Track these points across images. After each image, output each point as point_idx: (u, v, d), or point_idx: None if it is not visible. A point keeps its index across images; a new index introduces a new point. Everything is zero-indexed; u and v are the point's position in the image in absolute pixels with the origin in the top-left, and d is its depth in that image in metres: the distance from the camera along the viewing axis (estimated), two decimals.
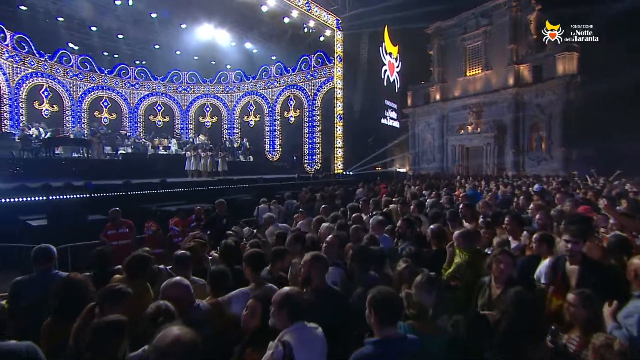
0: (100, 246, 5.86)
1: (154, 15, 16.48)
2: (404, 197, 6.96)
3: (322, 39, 20.27)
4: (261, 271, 2.72)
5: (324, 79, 21.52)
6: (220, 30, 18.40)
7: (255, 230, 5.15)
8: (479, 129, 28.46)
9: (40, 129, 14.95)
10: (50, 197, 7.00)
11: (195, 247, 3.30)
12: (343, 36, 20.28)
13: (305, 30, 19.58)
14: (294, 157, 22.49)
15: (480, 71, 28.58)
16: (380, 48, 25.63)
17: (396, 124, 30.09)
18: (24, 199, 6.96)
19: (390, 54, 27.20)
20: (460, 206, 4.72)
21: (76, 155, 15.22)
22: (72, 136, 15.48)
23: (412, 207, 5.06)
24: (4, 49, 17.14)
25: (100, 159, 14.70)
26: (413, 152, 33.48)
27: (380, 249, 3.05)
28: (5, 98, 17.14)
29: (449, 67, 30.92)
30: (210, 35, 18.84)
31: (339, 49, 20.29)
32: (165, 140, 19.30)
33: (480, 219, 4.82)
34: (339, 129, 20.62)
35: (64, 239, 6.10)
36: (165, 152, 18.21)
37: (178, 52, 20.98)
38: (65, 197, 7.12)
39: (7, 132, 16.05)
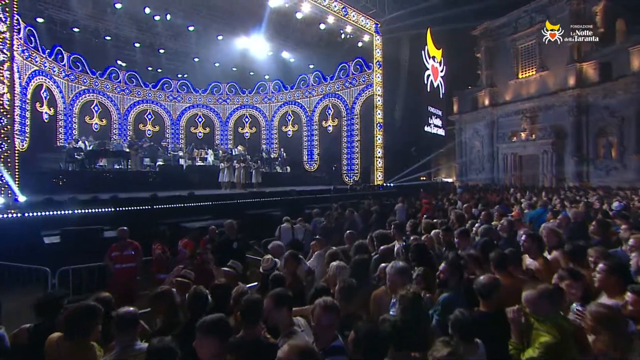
0: (106, 268, 5.51)
1: (191, 28, 16.69)
2: (448, 218, 5.85)
3: (360, 44, 19.46)
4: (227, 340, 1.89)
5: (362, 86, 20.67)
6: (257, 40, 18.26)
7: (278, 261, 4.23)
8: (533, 135, 26.03)
9: (86, 142, 15.56)
10: (65, 212, 6.78)
11: (163, 294, 2.56)
12: (382, 41, 19.36)
13: (343, 36, 18.90)
14: (334, 167, 21.73)
15: (534, 72, 26.21)
16: (423, 52, 24.30)
17: (441, 132, 28.32)
18: (42, 214, 6.80)
19: (433, 57, 25.74)
20: (522, 238, 3.60)
21: (118, 167, 15.63)
22: (112, 149, 15.93)
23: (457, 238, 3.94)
24: (62, 69, 18.28)
25: (138, 170, 14.90)
26: (460, 162, 31.40)
27: (400, 323, 2.01)
28: (60, 114, 18.19)
29: (499, 70, 28.78)
30: (247, 45, 18.79)
31: (378, 55, 19.38)
32: (203, 151, 19.41)
33: (546, 254, 3.68)
34: (378, 138, 19.59)
35: (75, 258, 5.78)
36: (202, 164, 18.25)
37: (217, 64, 21.22)
38: (84, 211, 6.88)
39: (59, 146, 16.96)
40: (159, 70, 21.54)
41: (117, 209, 8.11)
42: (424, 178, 24.46)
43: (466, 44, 30.36)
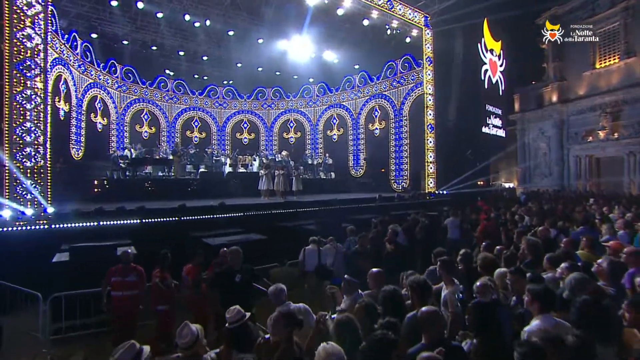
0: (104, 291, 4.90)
1: (230, 32, 16.49)
2: (515, 245, 4.42)
3: (408, 40, 17.99)
4: None
5: (412, 85, 19.15)
6: (298, 41, 17.61)
7: (247, 315, 2.84)
8: (616, 134, 22.51)
9: (132, 150, 15.91)
10: (73, 225, 6.40)
11: None
12: (433, 35, 17.71)
13: (389, 32, 17.58)
14: (382, 170, 20.40)
15: (617, 60, 22.64)
16: (479, 45, 22.08)
17: (501, 133, 25.64)
18: (46, 227, 6.48)
19: (491, 50, 23.35)
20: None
21: (161, 175, 15.78)
22: (157, 156, 16.11)
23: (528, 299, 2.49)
24: (115, 81, 19.17)
25: (179, 178, 14.86)
26: (522, 166, 28.27)
27: None
28: (113, 123, 19.04)
29: (569, 61, 25.41)
30: (288, 48, 18.26)
31: (428, 50, 17.78)
32: (249, 157, 19.13)
33: None
34: (430, 141, 17.91)
35: (82, 279, 5.29)
36: (244, 171, 17.93)
37: (260, 69, 21.01)
38: (99, 224, 6.47)
39: (109, 154, 17.65)
40: (205, 78, 21.86)
41: (142, 220, 7.70)
42: (482, 183, 22.16)
43: (529, 34, 27.25)
